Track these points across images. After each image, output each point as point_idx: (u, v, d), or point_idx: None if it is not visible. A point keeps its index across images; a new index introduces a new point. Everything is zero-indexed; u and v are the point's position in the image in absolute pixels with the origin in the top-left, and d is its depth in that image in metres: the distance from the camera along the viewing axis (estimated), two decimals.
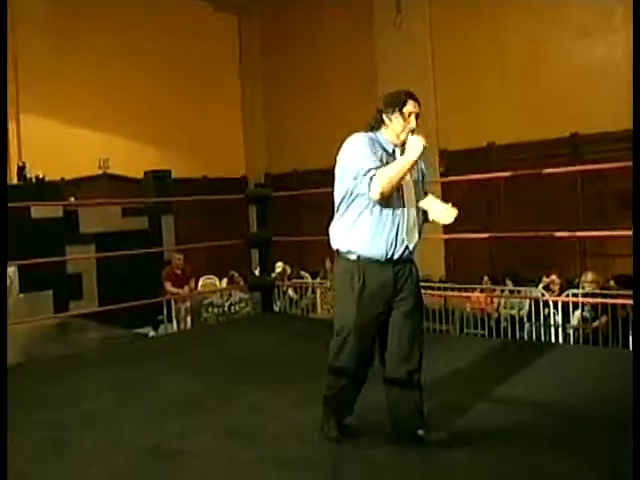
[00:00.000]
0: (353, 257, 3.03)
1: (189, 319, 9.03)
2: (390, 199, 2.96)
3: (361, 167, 2.94)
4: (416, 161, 2.94)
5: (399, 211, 3.00)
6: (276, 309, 8.49)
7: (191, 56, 13.32)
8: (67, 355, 5.63)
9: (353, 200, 3.02)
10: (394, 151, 3.05)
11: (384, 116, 3.03)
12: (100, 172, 12.41)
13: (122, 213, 10.42)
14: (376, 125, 3.07)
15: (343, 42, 12.45)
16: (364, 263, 3.00)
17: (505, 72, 10.36)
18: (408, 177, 3.03)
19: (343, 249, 3.08)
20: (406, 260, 3.06)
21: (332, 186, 3.13)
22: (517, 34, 10.20)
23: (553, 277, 8.47)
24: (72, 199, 10.19)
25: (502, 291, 8.89)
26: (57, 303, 9.33)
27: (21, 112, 11.51)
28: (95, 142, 12.19)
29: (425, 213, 3.20)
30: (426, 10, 11.29)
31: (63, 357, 5.51)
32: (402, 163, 2.92)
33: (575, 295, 7.87)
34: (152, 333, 8.53)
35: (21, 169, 10.18)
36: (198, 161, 13.41)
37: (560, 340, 7.59)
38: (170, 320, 8.63)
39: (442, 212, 3.12)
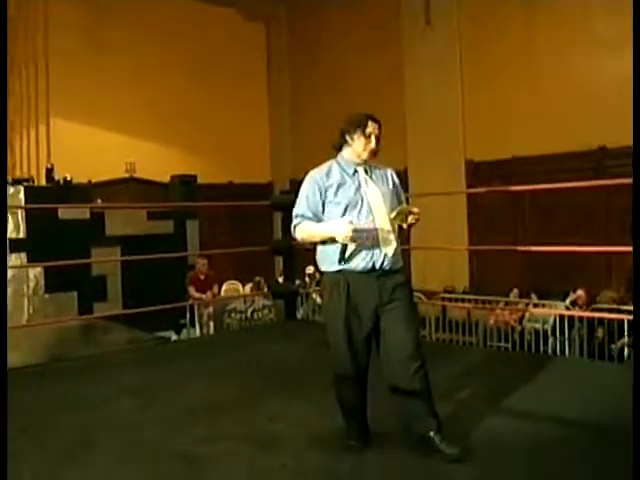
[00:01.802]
0: (336, 270, 3.12)
1: (212, 324, 9.05)
2: (359, 215, 3.07)
3: (296, 209, 3.23)
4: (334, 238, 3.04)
5: (369, 223, 3.08)
6: (300, 314, 8.48)
7: (220, 63, 13.44)
8: (91, 356, 5.67)
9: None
10: (355, 171, 3.17)
11: (346, 136, 3.18)
12: (127, 175, 12.52)
13: (148, 217, 10.44)
14: (339, 145, 3.21)
15: (371, 50, 12.45)
16: (347, 275, 3.09)
17: (534, 83, 10.27)
18: (374, 188, 3.14)
19: (326, 264, 3.18)
20: (391, 270, 3.11)
21: None
22: (547, 46, 10.12)
23: (580, 292, 8.35)
24: (99, 201, 10.26)
25: (527, 305, 8.80)
26: (81, 304, 9.40)
27: (51, 115, 11.67)
28: (122, 146, 12.32)
29: None
30: (455, 21, 11.26)
31: (87, 358, 5.55)
32: (324, 230, 3.11)
33: (600, 310, 7.77)
34: (174, 337, 8.55)
35: (49, 171, 10.28)
36: (224, 167, 13.49)
37: (585, 355, 7.50)
38: (193, 325, 8.66)
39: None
